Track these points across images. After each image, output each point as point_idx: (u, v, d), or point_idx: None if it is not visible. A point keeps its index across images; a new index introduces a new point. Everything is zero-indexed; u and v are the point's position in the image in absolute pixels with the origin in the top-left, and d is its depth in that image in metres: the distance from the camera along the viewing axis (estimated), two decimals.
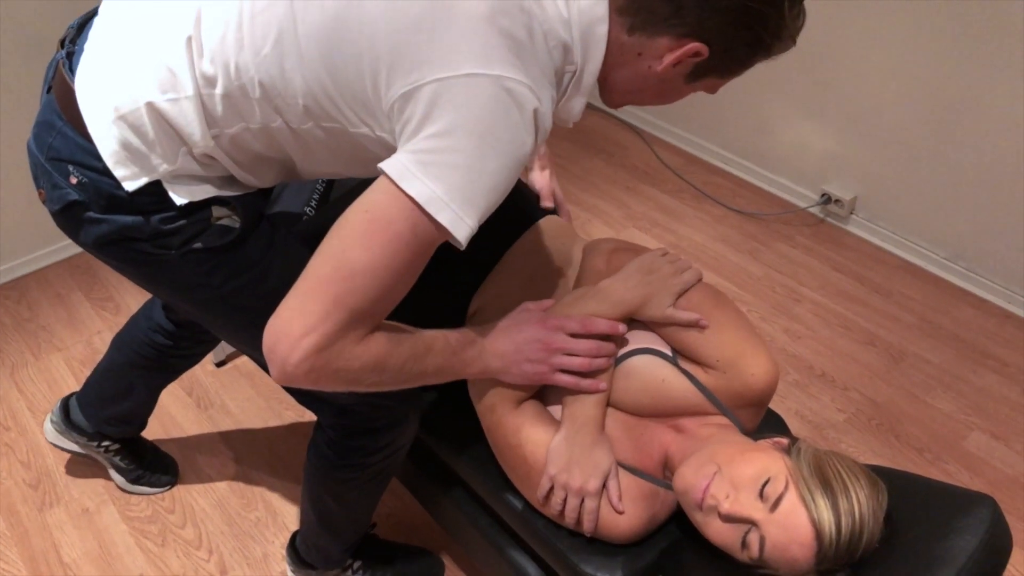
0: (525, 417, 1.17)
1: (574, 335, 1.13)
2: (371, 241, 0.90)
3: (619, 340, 1.18)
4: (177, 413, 2.08)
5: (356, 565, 1.62)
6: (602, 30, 0.95)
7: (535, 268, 1.32)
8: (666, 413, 1.19)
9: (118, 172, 1.01)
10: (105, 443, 1.80)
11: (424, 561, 1.71)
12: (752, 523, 0.99)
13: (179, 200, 1.04)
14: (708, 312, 1.16)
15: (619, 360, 1.19)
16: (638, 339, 1.20)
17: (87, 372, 2.19)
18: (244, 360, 2.22)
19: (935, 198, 2.39)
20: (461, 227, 0.90)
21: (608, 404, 1.19)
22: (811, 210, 2.70)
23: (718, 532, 1.02)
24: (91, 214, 1.06)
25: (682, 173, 2.92)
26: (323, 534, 1.51)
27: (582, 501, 1.12)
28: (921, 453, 1.97)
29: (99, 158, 1.02)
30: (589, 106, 3.52)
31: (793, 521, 0.97)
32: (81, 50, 1.05)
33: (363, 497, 1.46)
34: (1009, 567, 1.09)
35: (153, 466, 1.90)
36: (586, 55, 0.96)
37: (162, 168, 1.02)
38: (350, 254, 0.90)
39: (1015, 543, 1.06)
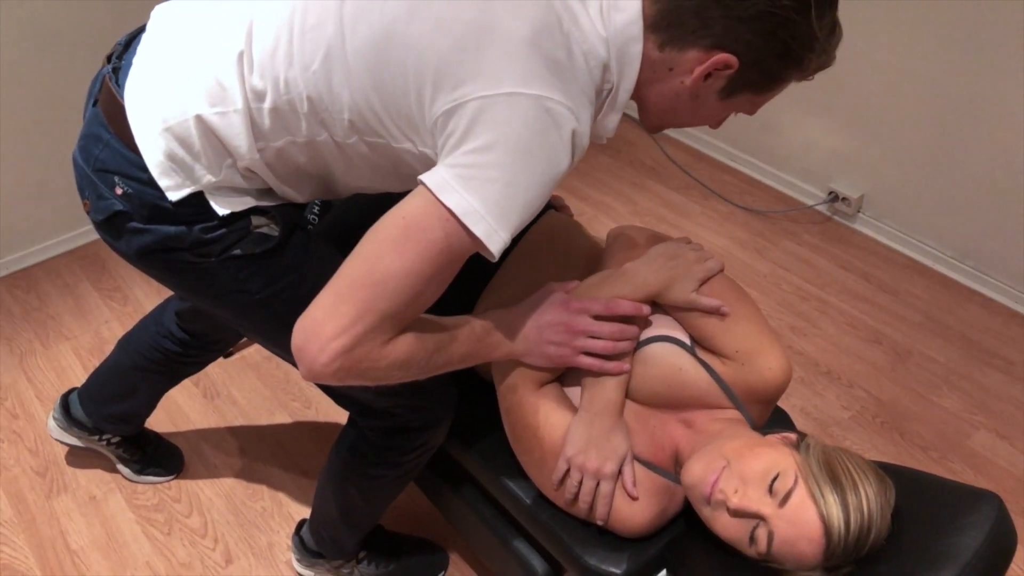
0: (546, 399, 1.17)
1: (598, 317, 1.13)
2: (406, 247, 0.91)
3: (642, 323, 1.18)
4: (184, 403, 2.09)
5: (361, 555, 1.63)
6: (637, 49, 0.96)
7: (539, 267, 1.32)
8: (680, 403, 1.19)
9: (163, 182, 1.04)
10: (107, 436, 1.81)
11: (429, 553, 1.72)
12: (761, 518, 0.99)
13: (221, 211, 1.07)
14: (730, 302, 1.16)
15: (638, 346, 1.19)
16: (657, 326, 1.20)
17: (95, 362, 2.20)
18: (251, 351, 2.23)
19: (942, 197, 2.38)
20: (495, 240, 0.92)
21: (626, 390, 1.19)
22: (818, 208, 2.70)
23: (726, 526, 1.03)
24: (134, 224, 1.09)
25: (689, 170, 2.92)
26: (342, 527, 1.52)
27: (597, 485, 1.13)
28: (926, 451, 1.97)
29: (145, 169, 1.04)
30: None
31: (802, 516, 0.97)
32: (129, 64, 1.08)
33: (388, 494, 1.47)
34: (1013, 565, 1.09)
35: (158, 454, 1.91)
36: (621, 73, 0.98)
37: (206, 179, 1.05)
38: (384, 259, 0.92)
39: (1019, 541, 1.07)
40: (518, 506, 1.27)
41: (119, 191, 1.07)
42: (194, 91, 1.01)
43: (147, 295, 2.41)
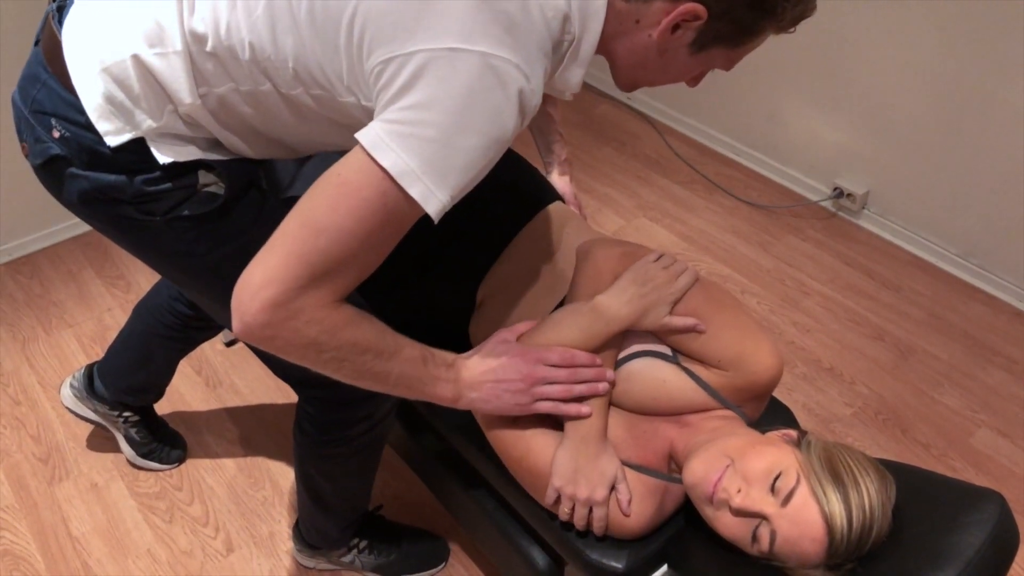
0: (524, 428, 1.16)
1: (554, 365, 1.11)
2: (338, 204, 0.88)
3: (608, 357, 1.16)
4: (186, 392, 2.09)
5: (362, 544, 1.63)
6: (601, 1, 0.92)
7: (542, 257, 1.32)
8: (670, 412, 1.19)
9: (101, 126, 1.00)
10: (126, 413, 1.81)
11: (429, 543, 1.73)
12: (763, 517, 0.99)
13: (163, 159, 1.02)
14: (706, 315, 1.14)
15: (618, 364, 1.18)
16: (637, 342, 1.19)
17: (97, 349, 2.20)
18: None
19: (947, 194, 2.38)
20: (432, 201, 0.88)
21: (610, 406, 1.18)
22: (823, 203, 2.69)
23: (728, 526, 1.02)
24: (73, 170, 1.04)
25: (694, 164, 2.91)
26: (317, 514, 1.53)
27: (590, 510, 1.13)
28: (928, 449, 1.97)
29: (83, 112, 1.00)
30: (601, 95, 3.50)
31: (804, 516, 0.97)
32: (71, 3, 1.04)
33: (351, 473, 1.46)
34: (1015, 564, 1.09)
35: (164, 441, 1.91)
36: (584, 25, 0.93)
37: (146, 124, 1.00)
38: (315, 213, 0.89)
39: (1022, 540, 1.07)
40: (518, 499, 1.27)
41: (56, 134, 1.02)
42: (132, 30, 0.96)
43: (150, 282, 2.40)
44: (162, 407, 2.01)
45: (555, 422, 1.16)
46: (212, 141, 1.07)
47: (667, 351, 1.18)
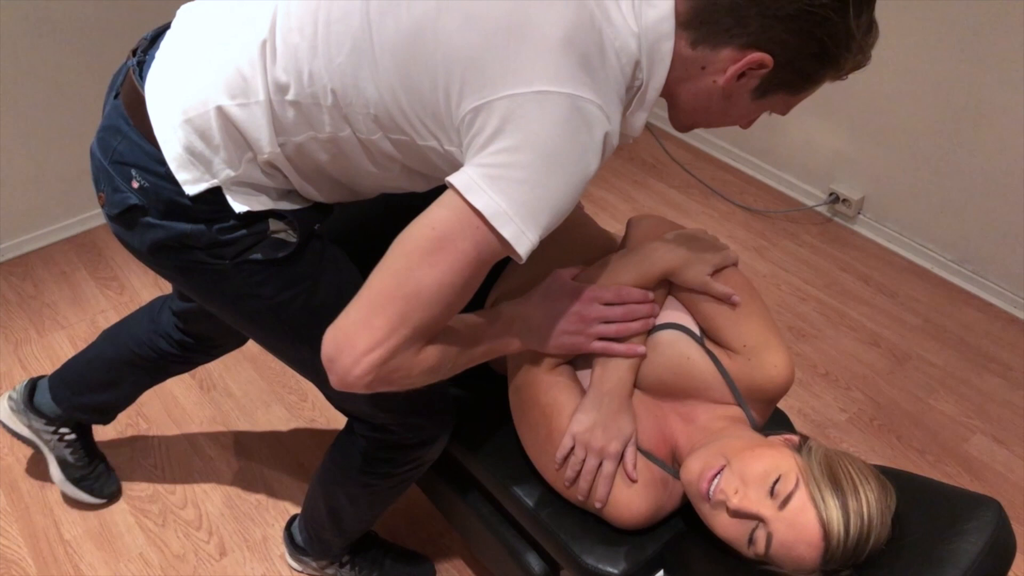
0: (558, 380, 1.17)
1: (608, 304, 1.14)
2: (437, 258, 0.90)
3: (655, 306, 1.19)
4: (180, 395, 2.08)
5: (345, 559, 1.61)
6: (668, 46, 0.95)
7: (551, 256, 1.32)
8: (684, 393, 1.19)
9: (180, 176, 1.02)
10: (63, 430, 1.72)
11: (414, 564, 1.70)
12: (760, 519, 0.99)
13: (238, 207, 1.05)
14: (742, 296, 1.17)
15: (649, 332, 1.20)
16: (668, 314, 1.21)
17: None
18: (247, 343, 2.22)
19: (943, 200, 2.38)
20: (523, 242, 0.90)
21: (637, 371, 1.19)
22: (818, 209, 2.70)
23: (725, 526, 1.03)
24: (149, 219, 1.07)
25: (690, 168, 2.91)
26: (330, 529, 1.51)
27: (600, 465, 1.13)
28: (922, 455, 1.97)
29: (163, 163, 1.03)
30: None
31: (802, 520, 0.97)
32: (152, 59, 1.06)
33: (377, 503, 1.46)
34: (1012, 571, 1.09)
35: (99, 472, 1.82)
36: (651, 70, 0.96)
37: (224, 174, 1.03)
38: (416, 272, 0.90)
39: (1017, 548, 1.07)
40: (516, 504, 1.27)
41: (136, 184, 1.05)
42: (215, 82, 0.99)
43: (144, 284, 2.40)
44: (156, 411, 2.00)
45: (583, 388, 1.18)
46: (284, 191, 1.10)
47: (696, 330, 1.19)
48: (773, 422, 1.34)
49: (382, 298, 0.91)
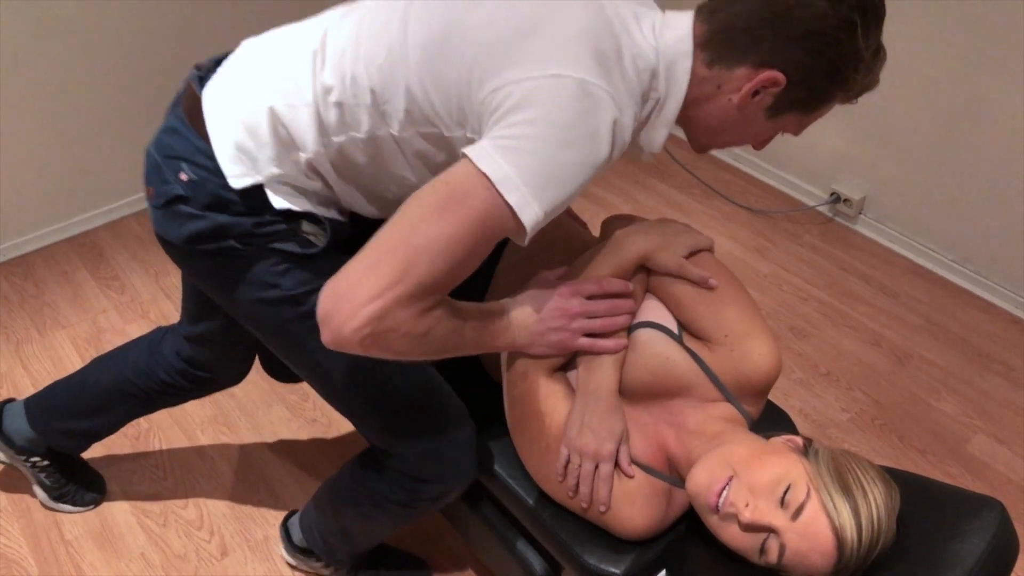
0: (557, 388, 1.17)
1: (591, 297, 1.14)
2: (446, 212, 0.93)
3: (636, 299, 1.19)
4: None
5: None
6: (686, 65, 1.02)
7: (539, 257, 1.32)
8: (668, 395, 1.17)
9: (228, 169, 1.08)
10: (34, 459, 1.70)
11: (413, 569, 1.69)
12: (772, 531, 0.97)
13: (278, 204, 1.10)
14: (720, 281, 1.16)
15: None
16: (645, 310, 1.19)
17: (91, 351, 2.19)
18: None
19: (944, 200, 2.38)
20: (527, 212, 0.93)
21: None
22: (820, 209, 2.70)
23: (735, 538, 1.00)
24: (190, 209, 1.11)
25: (691, 168, 2.91)
26: (337, 537, 1.50)
27: (596, 469, 1.12)
28: (924, 455, 1.96)
29: (212, 158, 1.09)
30: None
31: (814, 530, 0.95)
32: (214, 74, 1.15)
33: (391, 524, 1.44)
34: (1014, 573, 1.09)
35: (80, 483, 1.81)
36: (669, 88, 1.03)
37: (268, 171, 1.09)
38: (424, 223, 0.93)
39: (1020, 548, 1.07)
40: (518, 505, 1.27)
41: (184, 177, 1.11)
42: (268, 87, 1.08)
43: (144, 284, 2.40)
44: (158, 413, 2.00)
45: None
46: (323, 197, 1.15)
47: (673, 328, 1.17)
48: (775, 423, 1.34)
49: (389, 249, 0.93)
